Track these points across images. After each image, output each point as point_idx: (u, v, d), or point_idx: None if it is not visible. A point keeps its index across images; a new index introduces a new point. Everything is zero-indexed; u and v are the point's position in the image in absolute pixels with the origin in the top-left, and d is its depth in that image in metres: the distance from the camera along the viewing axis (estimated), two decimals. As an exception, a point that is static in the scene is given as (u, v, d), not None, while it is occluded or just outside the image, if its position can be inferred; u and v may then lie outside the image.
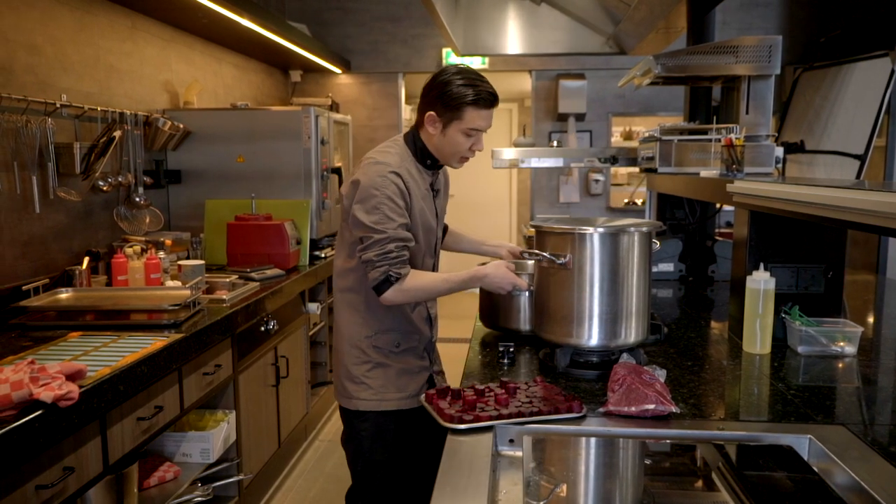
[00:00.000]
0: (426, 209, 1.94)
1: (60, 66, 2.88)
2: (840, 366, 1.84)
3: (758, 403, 1.61)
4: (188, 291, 2.55)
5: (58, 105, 2.73)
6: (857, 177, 2.90)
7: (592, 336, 1.72)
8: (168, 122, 3.49)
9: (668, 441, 1.43)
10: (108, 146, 2.96)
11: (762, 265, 1.92)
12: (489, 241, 2.28)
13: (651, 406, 1.42)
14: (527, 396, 1.49)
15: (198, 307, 2.52)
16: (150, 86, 3.63)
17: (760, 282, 1.89)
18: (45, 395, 1.55)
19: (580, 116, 5.82)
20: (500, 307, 2.10)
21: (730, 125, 2.72)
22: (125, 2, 3.28)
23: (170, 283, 2.86)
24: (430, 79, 1.87)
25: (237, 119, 3.82)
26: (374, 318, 1.94)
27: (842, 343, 1.91)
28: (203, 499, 2.43)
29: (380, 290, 1.79)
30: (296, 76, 5.72)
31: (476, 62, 5.72)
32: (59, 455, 1.65)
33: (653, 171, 2.99)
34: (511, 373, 1.80)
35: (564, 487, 1.35)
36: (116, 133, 3.01)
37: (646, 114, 6.03)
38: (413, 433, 2.00)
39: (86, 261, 2.82)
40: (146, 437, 2.04)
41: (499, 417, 1.40)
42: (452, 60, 5.74)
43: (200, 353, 2.34)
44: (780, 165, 2.72)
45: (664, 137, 2.86)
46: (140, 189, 3.31)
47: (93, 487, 1.84)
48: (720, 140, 2.60)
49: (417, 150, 1.92)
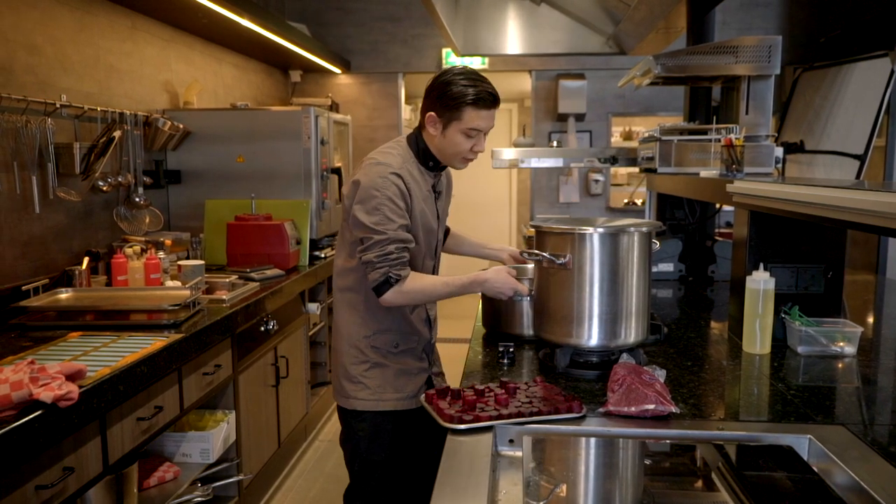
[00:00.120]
0: (427, 211, 1.93)
1: (60, 66, 2.88)
2: (840, 366, 1.84)
3: (758, 403, 1.61)
4: (188, 291, 2.56)
5: (58, 105, 2.73)
6: (857, 177, 2.90)
7: (592, 336, 1.72)
8: (168, 122, 3.49)
9: (668, 441, 1.43)
10: (108, 146, 2.96)
11: (762, 265, 1.92)
12: (490, 245, 2.27)
13: (651, 406, 1.42)
14: (527, 396, 1.49)
15: (198, 307, 2.52)
16: (150, 86, 3.63)
17: (760, 282, 1.89)
18: (45, 396, 1.55)
19: (580, 116, 5.82)
20: (503, 312, 2.10)
21: (729, 125, 2.72)
22: (125, 2, 3.28)
23: (170, 284, 2.86)
24: (432, 80, 1.87)
25: (237, 119, 3.82)
26: (374, 319, 1.94)
27: (841, 343, 1.91)
28: (203, 499, 2.43)
29: (379, 292, 1.79)
30: (296, 76, 5.72)
31: (476, 62, 5.71)
32: (59, 455, 1.65)
33: (652, 172, 2.99)
34: (511, 373, 1.80)
35: (564, 487, 1.35)
36: (116, 133, 3.01)
37: (646, 114, 6.03)
38: (411, 434, 2.00)
39: (85, 261, 2.82)
40: (146, 438, 2.04)
41: (499, 417, 1.40)
42: (452, 60, 5.74)
43: (200, 354, 2.34)
44: (780, 165, 2.72)
45: (664, 137, 2.86)
46: (140, 189, 3.31)
47: (93, 487, 1.85)
48: (720, 140, 2.60)
49: (420, 152, 1.92)
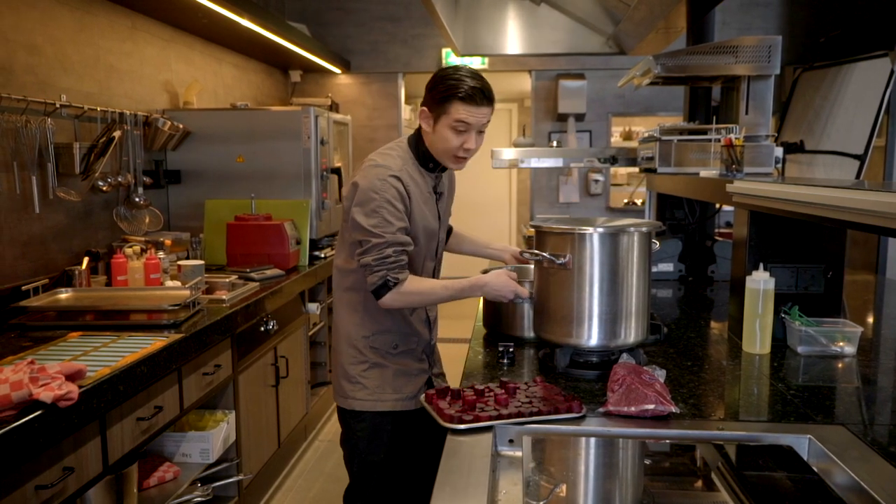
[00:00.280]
0: (427, 212, 1.92)
1: (60, 66, 2.88)
2: (840, 366, 1.84)
3: (757, 403, 1.61)
4: (188, 291, 2.55)
5: (57, 105, 2.73)
6: (857, 177, 2.90)
7: (592, 336, 1.72)
8: (168, 122, 3.49)
9: (668, 441, 1.43)
10: (108, 146, 2.96)
11: (762, 265, 1.92)
12: (492, 244, 2.26)
13: (651, 406, 1.42)
14: (526, 396, 1.49)
15: (197, 307, 2.52)
16: (150, 86, 3.63)
17: (760, 282, 1.89)
18: (45, 396, 1.55)
19: (580, 116, 5.82)
20: (503, 313, 2.10)
21: (729, 125, 2.72)
22: (125, 2, 3.28)
23: (169, 284, 2.86)
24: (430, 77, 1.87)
25: (237, 119, 3.82)
26: (373, 319, 1.94)
27: (841, 343, 1.91)
28: (203, 499, 2.43)
29: (378, 295, 1.79)
30: (296, 76, 5.72)
31: (476, 62, 5.72)
32: (59, 455, 1.65)
33: (652, 172, 2.99)
34: (511, 373, 1.80)
35: (564, 487, 1.35)
36: (116, 133, 3.01)
37: (645, 114, 6.03)
38: (410, 434, 2.00)
39: (85, 261, 2.82)
40: (146, 438, 2.04)
41: (498, 417, 1.40)
42: (452, 60, 5.74)
43: (200, 354, 2.34)
44: (780, 165, 2.72)
45: (664, 137, 2.86)
46: (140, 189, 3.31)
47: (92, 487, 1.84)
48: (720, 140, 2.60)
49: (420, 153, 1.91)
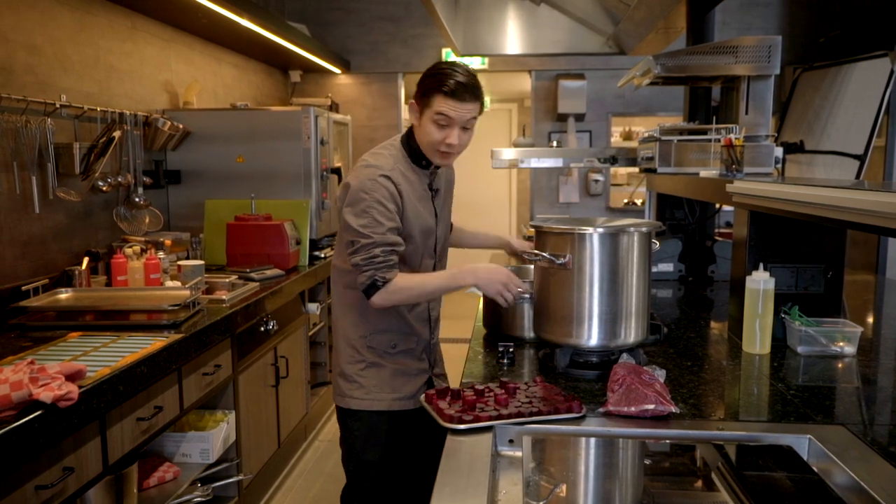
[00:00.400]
0: (423, 210, 1.92)
1: (60, 66, 2.88)
2: (840, 366, 1.84)
3: (757, 403, 1.61)
4: (188, 292, 2.55)
5: (57, 105, 2.73)
6: (857, 177, 2.90)
7: (592, 336, 1.72)
8: (168, 123, 3.49)
9: (668, 441, 1.43)
10: (108, 146, 2.96)
11: (762, 265, 1.92)
12: (492, 234, 2.27)
13: (651, 406, 1.42)
14: (526, 396, 1.49)
15: (197, 307, 2.52)
16: (150, 86, 3.63)
17: (760, 282, 1.89)
18: (45, 396, 1.55)
19: (580, 116, 5.82)
20: (504, 315, 2.09)
21: (729, 125, 2.72)
22: (125, 2, 3.28)
23: (169, 284, 2.86)
24: None
25: (237, 119, 3.82)
26: (370, 318, 1.93)
27: (841, 343, 1.91)
28: (203, 499, 2.43)
29: (368, 294, 1.79)
30: (295, 76, 5.72)
31: (476, 62, 5.72)
32: (59, 455, 1.65)
33: (652, 172, 2.99)
34: (511, 373, 1.80)
35: (564, 487, 1.35)
36: (116, 133, 3.01)
37: (645, 114, 6.03)
38: (407, 434, 2.00)
39: (85, 261, 2.82)
40: (146, 438, 2.04)
41: (498, 417, 1.40)
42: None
43: (200, 354, 2.34)
44: (780, 165, 2.72)
45: (664, 137, 2.86)
46: (140, 189, 3.31)
47: (92, 488, 1.85)
48: (720, 140, 2.60)
49: (412, 150, 1.90)
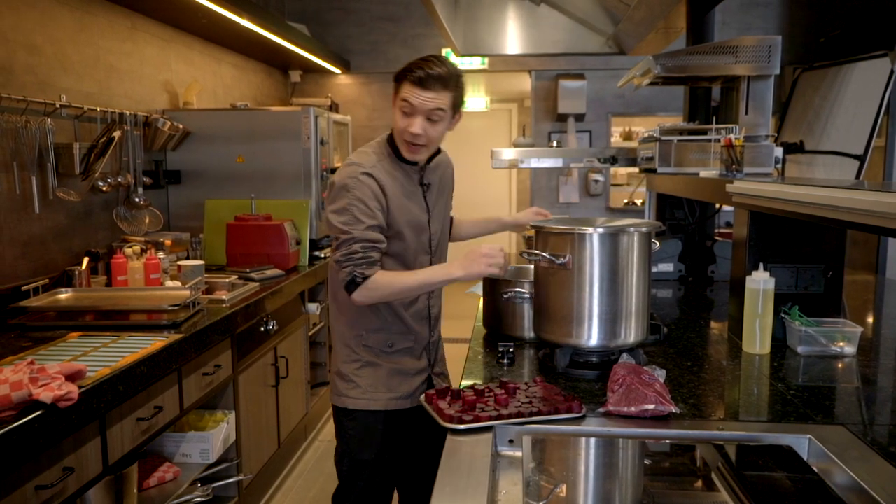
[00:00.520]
0: (412, 206, 1.90)
1: (60, 66, 2.88)
2: (840, 366, 1.84)
3: (757, 403, 1.61)
4: (188, 292, 2.55)
5: (57, 105, 2.73)
6: (857, 177, 2.90)
7: (592, 336, 1.72)
8: (168, 123, 3.49)
9: (668, 441, 1.43)
10: (108, 146, 2.96)
11: (762, 265, 1.92)
12: (491, 218, 2.25)
13: (651, 406, 1.42)
14: (526, 397, 1.49)
15: (197, 307, 2.52)
16: (150, 86, 3.63)
17: (760, 282, 1.89)
18: (45, 396, 1.55)
19: (580, 117, 5.82)
20: (504, 315, 2.09)
21: (729, 125, 2.72)
22: (125, 2, 3.28)
23: (169, 284, 2.86)
24: None
25: (237, 119, 3.82)
26: (365, 317, 1.92)
27: (841, 343, 1.91)
28: (203, 499, 2.43)
29: (349, 291, 1.79)
30: (295, 76, 5.72)
31: (476, 62, 5.71)
32: (59, 455, 1.65)
33: (652, 172, 2.99)
34: (511, 373, 1.80)
35: (564, 487, 1.35)
36: (116, 133, 3.01)
37: (645, 114, 6.02)
38: (403, 434, 1.99)
39: (85, 261, 2.82)
40: (146, 438, 2.04)
41: (498, 418, 1.40)
42: (452, 60, 5.73)
43: (200, 354, 2.34)
44: (780, 165, 2.72)
45: (664, 138, 2.86)
46: (139, 189, 3.31)
47: (92, 488, 1.84)
48: (720, 140, 2.60)
49: (397, 147, 1.90)
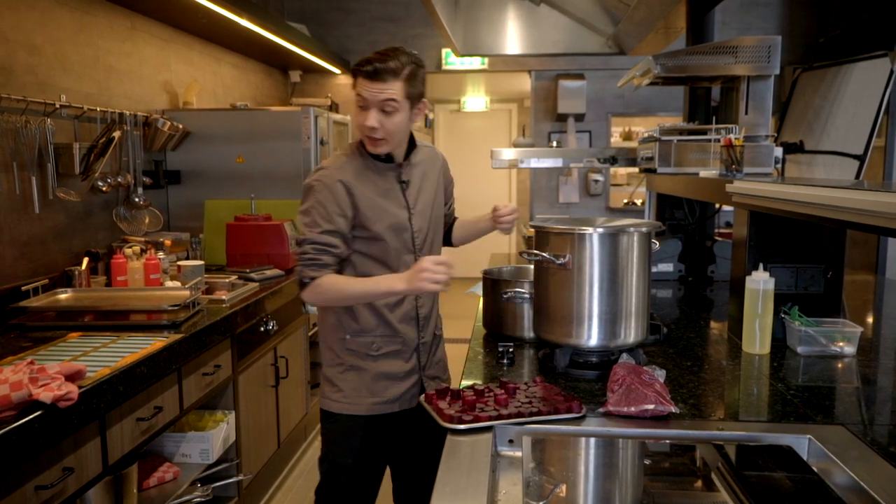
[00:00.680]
0: (389, 205, 1.87)
1: (60, 67, 2.88)
2: (839, 366, 1.84)
3: (757, 403, 1.61)
4: (188, 292, 2.55)
5: (57, 105, 2.73)
6: (857, 177, 2.90)
7: (592, 336, 1.72)
8: (167, 123, 3.49)
9: (668, 441, 1.43)
10: (108, 146, 2.96)
11: (761, 265, 1.92)
12: (479, 217, 2.11)
13: (650, 406, 1.42)
14: (526, 397, 1.49)
15: (197, 307, 2.52)
16: (150, 86, 3.63)
17: (760, 282, 1.89)
18: (45, 396, 1.55)
19: (579, 117, 5.82)
20: (504, 315, 2.09)
21: (729, 125, 2.72)
22: (124, 2, 3.28)
23: (169, 284, 2.86)
24: None
25: (236, 119, 3.82)
26: (349, 320, 1.91)
27: (841, 343, 1.91)
28: (203, 499, 2.43)
29: (301, 290, 1.82)
30: (295, 76, 5.72)
31: (476, 62, 5.72)
32: (59, 455, 1.65)
33: (652, 172, 2.99)
34: (511, 373, 1.80)
35: (564, 487, 1.35)
36: (116, 133, 3.01)
37: (645, 114, 6.03)
38: (388, 439, 1.97)
39: (85, 261, 2.82)
40: (146, 438, 2.03)
41: (498, 418, 1.40)
42: (452, 61, 5.74)
43: (200, 354, 2.34)
44: (780, 166, 2.72)
45: (663, 138, 2.86)
46: (139, 189, 3.31)
47: (92, 488, 1.85)
48: (719, 140, 2.60)
49: None
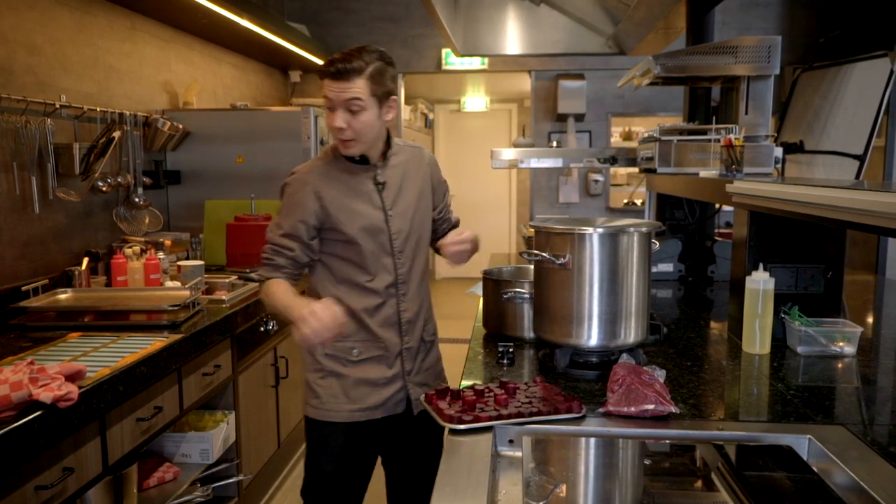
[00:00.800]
0: (361, 207, 1.84)
1: (60, 67, 2.88)
2: (839, 366, 1.84)
3: (757, 404, 1.61)
4: (188, 292, 2.55)
5: (57, 105, 2.73)
6: (857, 177, 2.90)
7: (592, 336, 1.72)
8: (167, 123, 3.49)
9: (668, 441, 1.43)
10: (108, 147, 2.96)
11: (761, 265, 1.92)
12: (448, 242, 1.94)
13: (650, 406, 1.42)
14: (526, 397, 1.49)
15: (197, 308, 2.52)
16: (150, 86, 3.63)
17: (760, 282, 1.89)
18: (45, 396, 1.55)
19: (579, 117, 5.82)
20: (504, 315, 2.08)
21: (729, 125, 2.72)
22: (124, 2, 3.28)
23: (169, 284, 2.86)
24: None
25: (236, 119, 3.82)
26: None
27: (841, 343, 1.91)
28: (203, 499, 2.43)
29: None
30: (295, 76, 5.72)
31: (476, 62, 5.72)
32: (59, 456, 1.65)
33: (652, 172, 2.99)
34: (511, 373, 1.80)
35: (564, 488, 1.35)
36: (116, 133, 3.01)
37: (645, 114, 6.03)
38: (370, 445, 1.95)
39: (85, 261, 2.82)
40: (146, 438, 2.04)
41: (498, 418, 1.40)
42: (452, 61, 5.74)
43: (200, 354, 2.34)
44: (780, 166, 2.72)
45: (663, 138, 2.86)
46: (139, 189, 3.31)
47: (92, 488, 1.85)
48: (719, 140, 2.60)
49: None
